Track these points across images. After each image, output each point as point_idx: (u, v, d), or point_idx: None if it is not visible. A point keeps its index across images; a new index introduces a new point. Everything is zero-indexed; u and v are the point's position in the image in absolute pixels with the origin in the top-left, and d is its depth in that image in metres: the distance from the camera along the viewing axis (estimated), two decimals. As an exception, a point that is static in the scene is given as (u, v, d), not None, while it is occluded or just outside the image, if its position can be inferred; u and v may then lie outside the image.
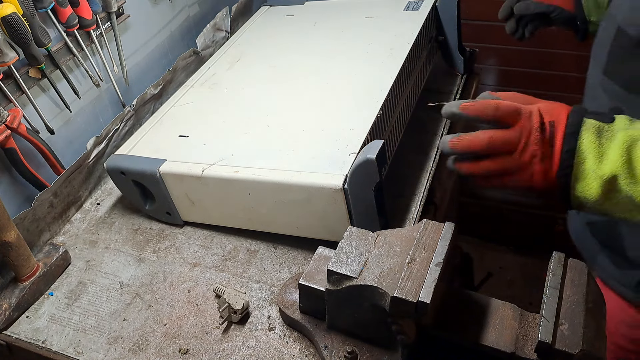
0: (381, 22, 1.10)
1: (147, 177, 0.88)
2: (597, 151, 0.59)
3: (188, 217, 0.93)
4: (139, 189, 0.91)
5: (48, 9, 0.92)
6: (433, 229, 0.67)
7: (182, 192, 0.88)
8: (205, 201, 0.88)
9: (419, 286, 0.60)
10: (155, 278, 0.86)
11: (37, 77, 0.94)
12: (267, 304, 0.80)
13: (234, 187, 0.82)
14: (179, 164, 0.86)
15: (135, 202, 0.95)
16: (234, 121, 0.93)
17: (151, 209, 0.94)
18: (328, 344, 0.70)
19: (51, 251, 0.87)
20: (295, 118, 0.90)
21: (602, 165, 0.58)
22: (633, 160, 0.57)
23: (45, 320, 0.81)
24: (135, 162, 0.89)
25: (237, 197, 0.83)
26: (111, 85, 1.11)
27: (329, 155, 0.79)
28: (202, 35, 1.24)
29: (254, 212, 0.85)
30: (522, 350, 0.62)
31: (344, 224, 0.78)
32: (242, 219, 0.88)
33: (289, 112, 0.91)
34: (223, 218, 0.90)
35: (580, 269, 0.63)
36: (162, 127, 0.97)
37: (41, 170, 0.96)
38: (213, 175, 0.82)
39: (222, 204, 0.87)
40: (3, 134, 0.85)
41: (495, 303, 0.68)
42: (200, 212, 0.91)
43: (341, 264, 0.64)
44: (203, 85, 1.05)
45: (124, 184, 0.92)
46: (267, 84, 1.01)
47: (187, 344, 0.76)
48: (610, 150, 0.58)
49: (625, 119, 0.61)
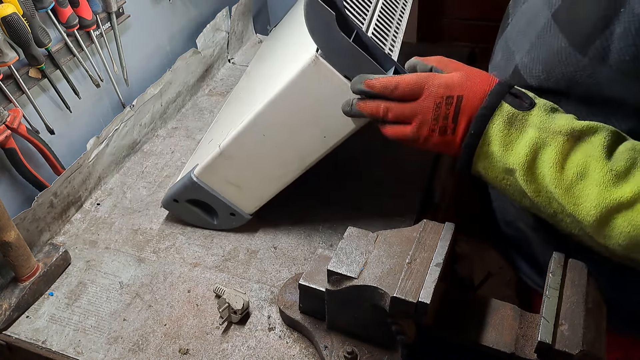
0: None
1: (189, 188, 0.88)
2: (504, 140, 0.60)
3: (249, 207, 0.91)
4: (198, 207, 0.91)
5: (48, 9, 0.92)
6: (433, 229, 0.67)
7: (223, 182, 0.87)
8: (245, 176, 0.86)
9: (419, 286, 0.60)
10: (155, 278, 0.86)
11: (37, 77, 0.94)
12: (267, 304, 0.80)
13: (249, 138, 0.81)
14: (205, 159, 0.86)
15: (204, 224, 0.94)
16: (237, 106, 0.96)
17: (219, 221, 0.93)
18: (328, 344, 0.70)
19: (51, 251, 0.87)
20: (267, 72, 0.93)
21: (506, 154, 0.60)
22: (537, 163, 0.59)
23: (45, 321, 0.81)
24: (177, 184, 0.91)
25: (258, 147, 0.82)
26: (111, 85, 1.11)
27: (298, 58, 0.77)
28: (202, 36, 1.24)
29: (282, 152, 0.83)
30: (522, 350, 0.62)
31: (346, 89, 0.73)
32: (282, 168, 0.85)
33: (268, 74, 0.94)
34: (271, 182, 0.87)
35: (580, 269, 0.63)
36: (198, 147, 1.04)
37: (41, 171, 0.96)
38: (228, 141, 0.82)
39: (258, 167, 0.85)
40: (3, 134, 0.85)
41: (495, 303, 0.68)
42: (252, 192, 0.89)
43: (341, 264, 0.64)
44: (229, 102, 1.11)
45: (184, 210, 0.92)
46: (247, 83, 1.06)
47: (187, 344, 0.76)
48: (518, 144, 0.60)
49: (542, 111, 0.61)
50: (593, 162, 0.58)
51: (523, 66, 0.70)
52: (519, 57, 0.71)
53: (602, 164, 0.57)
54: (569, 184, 0.58)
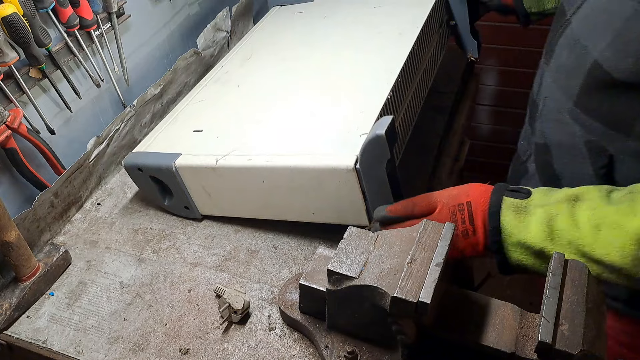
0: (390, 9, 1.11)
1: (163, 171, 0.89)
2: (520, 226, 0.65)
3: (206, 211, 0.93)
4: (157, 184, 0.92)
5: (49, 9, 0.92)
6: (433, 229, 0.67)
7: (198, 185, 0.88)
8: (222, 193, 0.88)
9: (419, 286, 0.60)
10: (156, 278, 0.86)
11: (38, 77, 0.94)
12: (268, 304, 0.80)
13: (248, 175, 0.82)
14: (194, 157, 0.86)
15: (154, 199, 0.96)
16: (246, 113, 0.94)
17: (170, 204, 0.95)
18: (328, 344, 0.70)
19: (52, 251, 0.87)
20: (305, 105, 0.90)
21: (528, 238, 0.64)
22: (555, 234, 0.63)
23: (45, 320, 0.81)
24: (151, 158, 0.90)
25: (252, 185, 0.83)
26: (112, 85, 1.11)
27: (340, 137, 0.80)
28: (202, 36, 1.24)
29: (269, 200, 0.85)
30: (522, 350, 0.62)
31: (359, 206, 0.78)
32: (259, 209, 0.88)
33: (299, 100, 0.92)
34: (240, 209, 0.90)
35: (580, 269, 0.63)
36: (177, 123, 0.98)
37: (42, 171, 0.96)
38: (227, 165, 0.83)
39: (238, 194, 0.87)
40: (4, 134, 0.85)
41: (495, 303, 0.68)
42: (218, 204, 0.91)
43: (341, 264, 0.64)
44: (216, 83, 1.07)
45: (142, 180, 0.93)
46: (277, 76, 1.01)
47: (187, 344, 0.76)
48: (532, 225, 0.64)
49: (540, 194, 0.67)
50: (600, 211, 0.61)
51: (605, 60, 0.69)
52: (598, 51, 0.70)
53: (608, 209, 0.61)
54: (592, 238, 0.61)
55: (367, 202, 0.78)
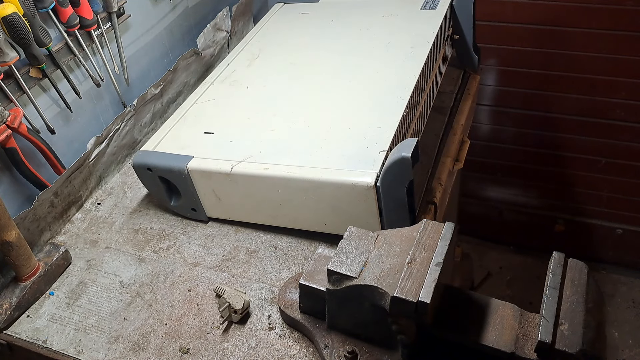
0: (399, 21, 1.11)
1: (174, 173, 0.88)
2: None
3: (213, 214, 0.93)
4: (165, 185, 0.92)
5: (49, 8, 0.92)
6: (433, 229, 0.67)
7: (209, 189, 0.88)
8: (233, 198, 0.88)
9: (419, 286, 0.60)
10: (156, 278, 0.86)
11: (38, 76, 0.94)
12: (268, 303, 0.80)
13: (264, 184, 0.82)
14: (207, 161, 0.86)
15: (161, 199, 0.96)
16: (259, 118, 0.93)
17: (176, 205, 0.94)
18: (328, 344, 0.70)
19: (52, 251, 0.87)
20: (320, 115, 0.90)
21: None
22: None
23: (45, 320, 0.81)
24: (162, 158, 0.89)
25: (266, 194, 0.84)
26: (112, 85, 1.11)
27: (358, 153, 0.80)
28: (202, 36, 1.24)
29: (282, 208, 0.85)
30: (522, 350, 0.62)
31: (374, 220, 0.79)
32: (269, 216, 0.88)
33: (313, 109, 0.92)
34: (249, 214, 0.90)
35: (580, 269, 0.63)
36: (187, 123, 0.97)
37: (42, 170, 0.96)
38: (242, 172, 0.83)
39: (250, 201, 0.87)
40: (4, 133, 0.85)
41: (495, 303, 0.68)
42: (227, 209, 0.91)
43: (341, 263, 0.64)
44: (224, 82, 1.06)
45: (150, 180, 0.92)
46: (288, 81, 1.01)
47: (187, 343, 0.76)
48: None
49: None
50: None
51: None
52: None
53: None
54: None
55: (382, 219, 0.79)
